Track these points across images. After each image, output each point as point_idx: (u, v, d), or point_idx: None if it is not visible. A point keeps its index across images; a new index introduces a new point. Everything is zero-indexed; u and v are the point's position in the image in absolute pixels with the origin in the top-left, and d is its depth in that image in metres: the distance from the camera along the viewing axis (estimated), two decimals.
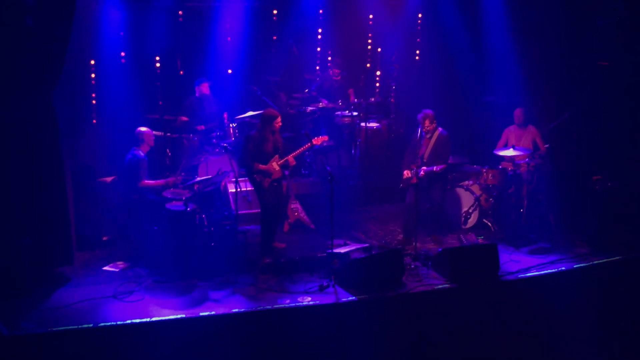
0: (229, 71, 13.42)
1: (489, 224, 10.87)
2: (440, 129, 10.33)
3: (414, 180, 9.99)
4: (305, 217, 11.18)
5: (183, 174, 10.68)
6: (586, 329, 8.98)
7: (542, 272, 9.37)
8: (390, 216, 11.97)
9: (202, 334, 7.85)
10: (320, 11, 14.13)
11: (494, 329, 8.83)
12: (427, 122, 10.20)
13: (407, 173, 10.16)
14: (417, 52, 14.70)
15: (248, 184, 10.52)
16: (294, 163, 10.11)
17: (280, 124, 9.95)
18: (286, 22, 13.77)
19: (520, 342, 8.86)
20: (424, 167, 10.06)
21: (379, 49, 14.83)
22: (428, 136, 10.29)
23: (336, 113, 13.16)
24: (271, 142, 9.87)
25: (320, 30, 14.49)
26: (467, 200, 11.13)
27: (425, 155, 10.21)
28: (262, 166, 9.75)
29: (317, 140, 10.07)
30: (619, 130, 11.75)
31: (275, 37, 14.02)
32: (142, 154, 9.92)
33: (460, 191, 11.22)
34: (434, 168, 10.05)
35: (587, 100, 12.15)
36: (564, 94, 12.44)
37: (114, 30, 12.09)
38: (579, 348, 8.91)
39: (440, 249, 9.41)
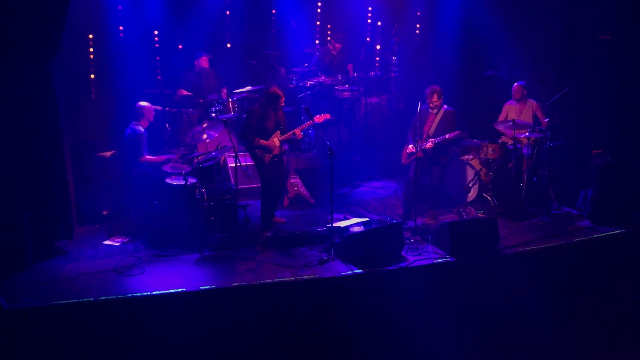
0: (228, 45, 13.37)
1: (489, 198, 10.86)
2: (445, 105, 10.28)
3: (420, 154, 9.99)
4: (305, 191, 11.18)
5: (182, 148, 10.66)
6: (586, 302, 9.02)
7: (542, 246, 9.39)
8: (390, 191, 11.98)
9: (202, 308, 7.88)
10: None
11: (493, 303, 8.86)
12: (435, 97, 10.15)
13: (411, 148, 10.12)
14: (418, 25, 14.61)
15: (248, 158, 10.51)
16: (301, 136, 10.08)
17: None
18: None
19: (520, 316, 8.89)
20: (432, 139, 10.01)
21: (379, 23, 14.75)
22: (434, 112, 10.24)
23: (336, 87, 13.09)
24: (273, 119, 9.83)
25: (319, 4, 14.42)
26: (467, 175, 11.12)
27: (432, 131, 10.17)
28: (263, 141, 9.72)
29: (319, 118, 9.99)
30: (620, 104, 11.70)
31: (274, 11, 13.94)
32: (141, 128, 9.90)
33: (461, 165, 11.20)
34: (447, 136, 9.98)
35: (587, 74, 12.09)
36: (564, 68, 12.37)
37: (113, 3, 12.01)
38: (577, 321, 8.95)
39: (440, 223, 9.42)
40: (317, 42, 14.43)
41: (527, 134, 10.61)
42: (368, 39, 14.85)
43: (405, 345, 8.41)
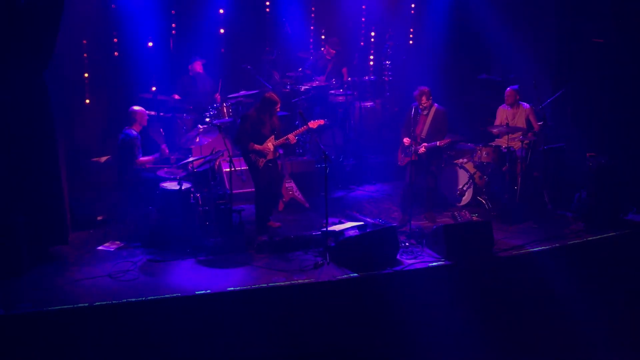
0: (222, 50, 13.38)
1: (483, 201, 10.88)
2: (436, 105, 10.33)
3: (414, 158, 10.01)
4: (300, 196, 11.19)
5: (176, 153, 10.67)
6: (580, 305, 9.03)
7: (536, 249, 9.42)
8: (384, 194, 11.99)
9: (197, 313, 7.87)
10: None
11: (488, 306, 8.88)
12: (423, 99, 10.19)
13: (407, 140, 10.11)
14: (411, 30, 14.66)
15: (242, 163, 10.51)
16: (295, 141, 10.07)
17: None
18: (279, 0, 13.72)
19: (515, 318, 8.90)
20: (425, 144, 10.07)
21: (373, 28, 14.78)
22: (425, 113, 10.29)
23: (330, 92, 13.13)
24: (268, 124, 9.82)
25: (313, 9, 14.45)
26: (461, 178, 11.14)
27: (424, 132, 10.22)
28: (257, 146, 9.71)
29: (314, 124, 9.96)
30: (613, 107, 11.76)
31: (268, 15, 13.96)
32: (134, 132, 9.90)
33: (455, 169, 11.22)
34: (437, 143, 10.05)
35: (581, 77, 12.14)
36: (558, 71, 12.42)
37: (106, 9, 12.03)
38: (571, 323, 8.96)
39: (434, 227, 9.44)
40: (311, 46, 14.45)
41: (520, 137, 10.64)
42: (362, 43, 14.88)
43: (400, 348, 8.41)
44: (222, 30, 13.32)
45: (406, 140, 10.18)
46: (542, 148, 10.81)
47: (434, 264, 8.90)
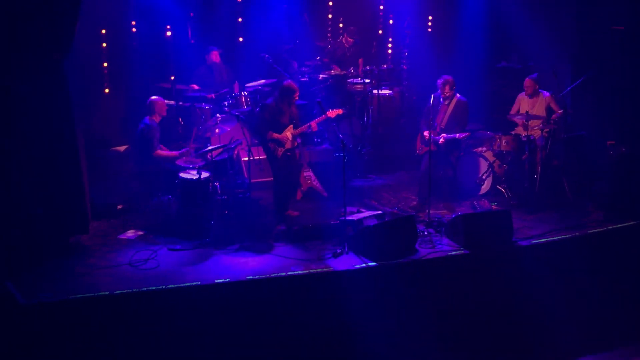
0: (240, 39, 13.39)
1: (503, 190, 10.82)
2: (457, 95, 10.28)
3: (432, 148, 9.98)
4: (318, 185, 11.19)
5: (195, 142, 10.69)
6: (600, 294, 8.99)
7: (556, 238, 9.35)
8: (403, 183, 11.96)
9: (217, 301, 7.90)
10: None
11: (507, 295, 8.85)
12: (447, 88, 10.16)
13: (427, 134, 10.06)
14: (430, 17, 14.58)
15: (260, 152, 10.52)
16: (317, 129, 10.09)
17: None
18: None
19: (534, 308, 8.87)
20: (444, 135, 10.04)
21: (391, 15, 14.72)
22: (446, 102, 10.26)
23: (348, 80, 13.10)
24: (287, 113, 9.83)
25: None
26: (480, 167, 11.07)
27: (444, 122, 10.20)
28: (276, 135, 9.73)
29: (332, 113, 9.96)
30: (634, 95, 11.64)
31: (286, 5, 13.94)
32: (154, 123, 9.93)
33: (474, 158, 11.16)
34: (457, 135, 10.03)
35: (602, 64, 12.02)
36: (578, 59, 12.32)
37: None
38: (592, 313, 8.93)
39: (453, 216, 9.40)
40: (329, 35, 14.41)
41: (540, 125, 10.57)
42: (380, 31, 14.82)
43: (418, 338, 8.41)
44: (240, 21, 13.33)
45: (426, 134, 10.14)
46: (563, 136, 10.72)
47: (453, 253, 8.87)
